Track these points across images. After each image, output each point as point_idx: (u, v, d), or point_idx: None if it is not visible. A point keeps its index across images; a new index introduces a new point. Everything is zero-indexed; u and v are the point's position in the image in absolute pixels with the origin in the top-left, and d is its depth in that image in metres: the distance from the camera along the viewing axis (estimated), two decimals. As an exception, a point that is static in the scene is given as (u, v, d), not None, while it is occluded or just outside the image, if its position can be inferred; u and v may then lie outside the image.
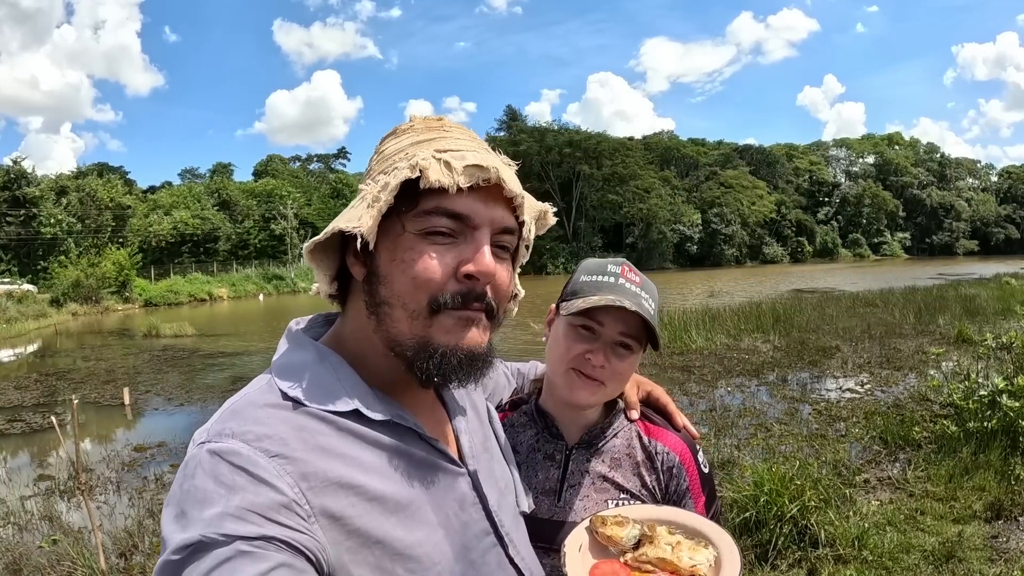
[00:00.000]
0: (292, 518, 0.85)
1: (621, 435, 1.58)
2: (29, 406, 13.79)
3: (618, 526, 1.31)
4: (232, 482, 0.84)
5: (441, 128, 1.06)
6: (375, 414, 0.98)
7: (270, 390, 0.98)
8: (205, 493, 0.84)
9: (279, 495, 0.85)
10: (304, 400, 0.96)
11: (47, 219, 49.07)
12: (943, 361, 11.71)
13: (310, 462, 0.90)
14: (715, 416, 9.36)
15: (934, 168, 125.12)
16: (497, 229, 1.01)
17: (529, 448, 1.58)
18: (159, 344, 24.19)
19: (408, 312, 0.98)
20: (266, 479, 0.86)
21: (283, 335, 1.10)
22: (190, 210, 65.10)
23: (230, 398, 1.01)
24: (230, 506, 0.82)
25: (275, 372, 1.01)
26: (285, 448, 0.90)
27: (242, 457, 0.87)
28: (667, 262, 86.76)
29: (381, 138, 1.10)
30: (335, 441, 0.94)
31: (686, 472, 1.55)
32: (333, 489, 0.90)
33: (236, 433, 0.90)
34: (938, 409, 8.22)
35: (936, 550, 4.77)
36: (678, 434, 1.59)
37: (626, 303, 1.41)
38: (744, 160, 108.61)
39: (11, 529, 6.81)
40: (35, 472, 9.12)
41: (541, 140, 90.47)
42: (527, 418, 1.61)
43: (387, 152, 1.04)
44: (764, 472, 5.35)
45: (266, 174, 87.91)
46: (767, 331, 17.41)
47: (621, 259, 1.55)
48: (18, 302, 36.06)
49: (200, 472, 0.86)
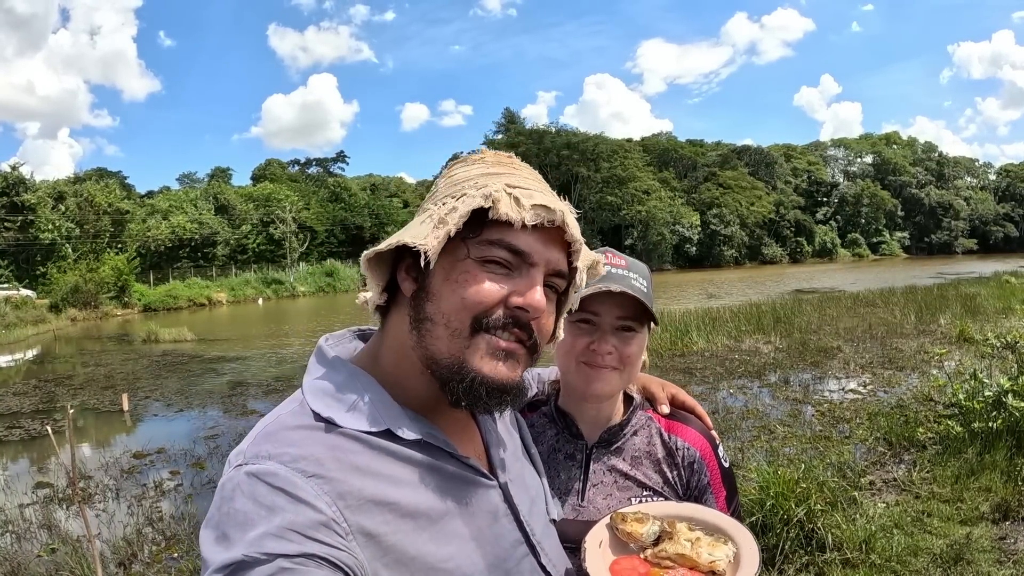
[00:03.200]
0: (331, 536, 0.87)
1: (641, 432, 1.58)
2: (28, 412, 13.76)
3: (638, 523, 1.30)
4: (272, 503, 0.86)
5: (511, 164, 1.09)
6: (406, 434, 0.99)
7: (303, 411, 0.99)
8: (246, 515, 0.85)
9: (318, 514, 0.87)
10: (337, 421, 0.97)
11: (45, 224, 49.00)
12: (945, 361, 11.67)
13: (346, 481, 0.92)
14: (718, 418, 9.31)
15: (932, 167, 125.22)
16: (552, 271, 1.04)
17: (550, 449, 1.58)
18: (158, 349, 24.17)
19: (450, 330, 0.99)
20: (305, 499, 0.87)
21: (313, 354, 1.11)
22: (188, 215, 65.06)
23: (262, 419, 1.02)
24: (271, 526, 0.84)
25: (307, 393, 1.02)
26: (321, 468, 0.91)
27: (280, 478, 0.88)
28: (666, 263, 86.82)
29: (448, 163, 1.12)
30: (368, 459, 0.96)
31: (707, 467, 1.55)
32: (369, 507, 0.92)
33: (272, 455, 0.92)
34: (942, 409, 8.18)
35: (944, 552, 4.73)
36: (698, 429, 1.59)
37: (613, 287, 1.42)
38: (742, 161, 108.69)
39: (9, 538, 6.78)
40: (34, 479, 9.06)
41: (539, 142, 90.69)
42: (547, 419, 1.62)
43: (457, 178, 1.06)
44: (770, 475, 5.31)
45: (264, 178, 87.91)
46: (768, 332, 17.39)
47: (604, 248, 1.56)
48: (16, 307, 36.02)
49: (239, 494, 0.88)
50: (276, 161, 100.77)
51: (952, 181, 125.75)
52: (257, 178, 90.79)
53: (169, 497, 7.88)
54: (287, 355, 21.07)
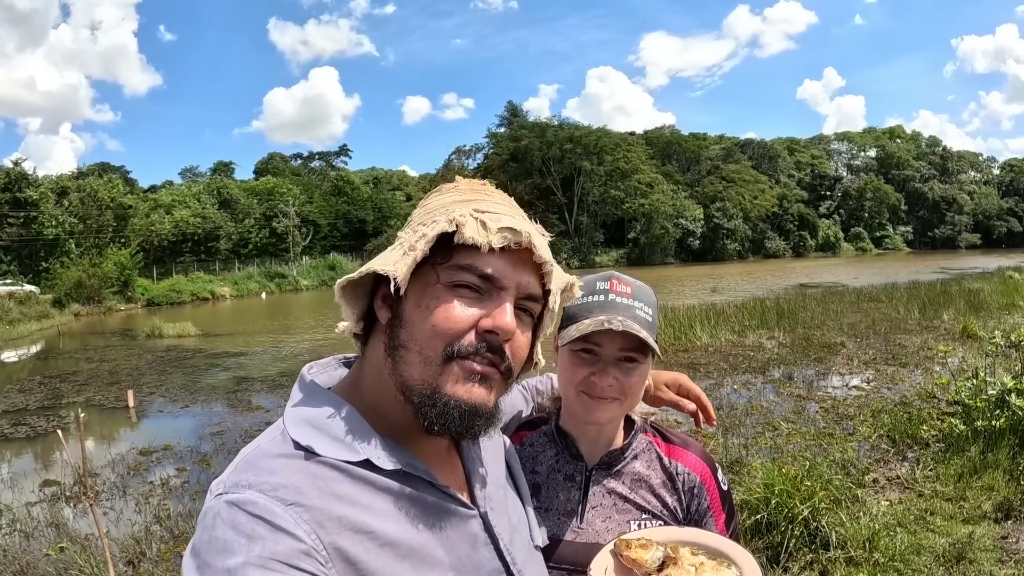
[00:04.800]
0: (312, 564, 0.87)
1: (641, 456, 1.58)
2: (33, 409, 13.82)
3: (642, 548, 1.31)
4: (252, 531, 0.87)
5: (484, 191, 1.10)
6: (386, 464, 1.00)
7: (283, 440, 1.00)
8: (226, 543, 0.86)
9: (298, 542, 0.88)
10: (316, 450, 0.98)
11: (48, 220, 49.05)
12: (949, 358, 11.67)
13: (325, 509, 0.92)
14: (722, 415, 9.33)
15: (936, 161, 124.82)
16: (523, 294, 1.04)
17: (549, 469, 1.58)
18: (162, 345, 24.23)
19: (423, 357, 1.00)
20: (284, 527, 0.88)
21: (296, 383, 1.10)
22: (191, 209, 65.05)
23: (243, 449, 1.03)
24: (252, 555, 0.85)
25: (288, 422, 1.02)
26: (300, 496, 0.92)
27: (259, 507, 0.89)
28: (669, 257, 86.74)
29: (427, 194, 1.14)
30: (348, 488, 0.96)
31: (707, 492, 1.56)
32: (348, 535, 0.93)
33: (252, 484, 0.92)
34: (945, 407, 8.19)
35: (947, 551, 4.75)
36: (697, 453, 1.60)
37: (615, 324, 1.42)
38: (745, 154, 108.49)
39: (17, 536, 6.80)
40: (40, 477, 9.10)
41: (542, 136, 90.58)
42: (547, 438, 1.62)
43: (430, 206, 1.08)
44: (774, 473, 5.33)
45: (267, 172, 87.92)
46: (772, 327, 17.41)
47: (609, 272, 1.56)
48: (20, 303, 36.07)
49: (220, 523, 0.88)
50: (278, 155, 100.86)
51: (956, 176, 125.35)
52: (260, 172, 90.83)
53: (176, 494, 7.91)
54: (291, 350, 21.11)
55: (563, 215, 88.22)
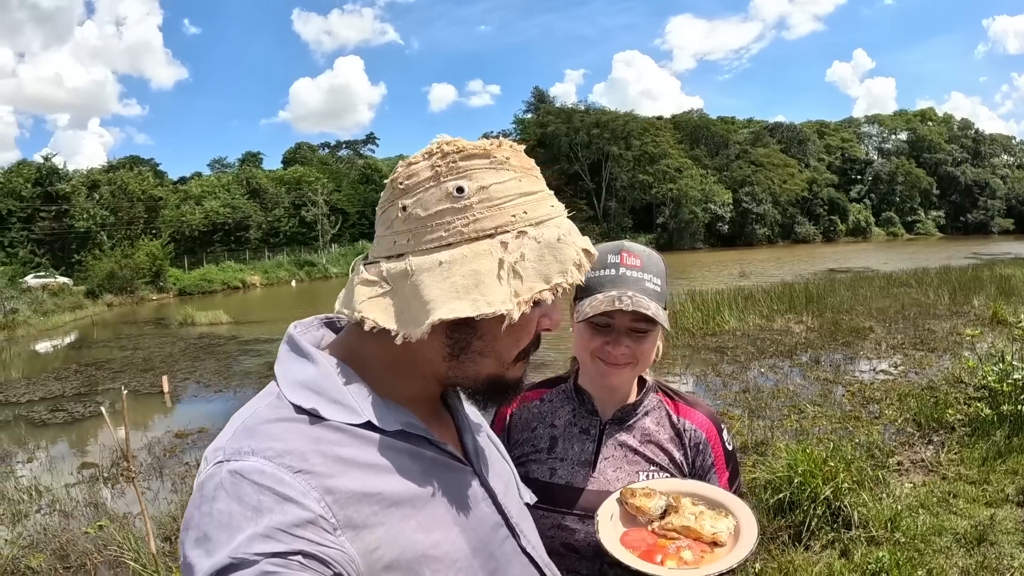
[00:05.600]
0: (320, 533, 0.85)
1: (652, 413, 1.69)
2: (70, 396, 14.14)
3: (646, 497, 1.42)
4: (258, 503, 0.84)
5: (533, 170, 1.04)
6: (387, 424, 0.98)
7: (280, 404, 0.97)
8: (230, 516, 0.83)
9: (306, 512, 0.85)
10: (320, 412, 0.95)
11: (80, 213, 49.79)
12: (978, 343, 11.60)
13: (332, 475, 0.90)
14: (748, 397, 9.38)
15: (968, 144, 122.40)
16: None
17: (566, 423, 1.70)
18: (195, 332, 24.58)
19: (500, 361, 1.02)
20: (292, 497, 0.86)
21: (283, 341, 1.07)
22: (221, 200, 65.67)
23: (237, 413, 1.00)
24: (259, 527, 0.82)
25: (283, 385, 0.99)
26: (306, 463, 0.89)
27: (266, 475, 0.86)
28: (698, 242, 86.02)
29: (464, 150, 1.00)
30: (352, 451, 0.94)
31: (712, 449, 1.67)
32: (356, 499, 0.91)
33: (256, 450, 0.89)
34: (972, 391, 8.17)
35: (968, 533, 4.78)
36: (704, 412, 1.71)
37: (625, 303, 1.50)
38: (774, 138, 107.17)
39: (57, 516, 6.98)
40: (78, 460, 9.36)
41: (568, 121, 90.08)
42: (565, 395, 1.74)
43: (494, 193, 0.98)
44: (798, 453, 5.39)
45: (295, 162, 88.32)
46: (800, 312, 17.34)
47: (620, 243, 1.64)
48: (54, 295, 36.69)
49: (222, 493, 0.85)
50: (306, 144, 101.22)
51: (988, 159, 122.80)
52: (288, 162, 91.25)
53: (210, 476, 8.08)
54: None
55: (591, 200, 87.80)
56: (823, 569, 4.37)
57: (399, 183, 1.01)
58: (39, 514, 7.10)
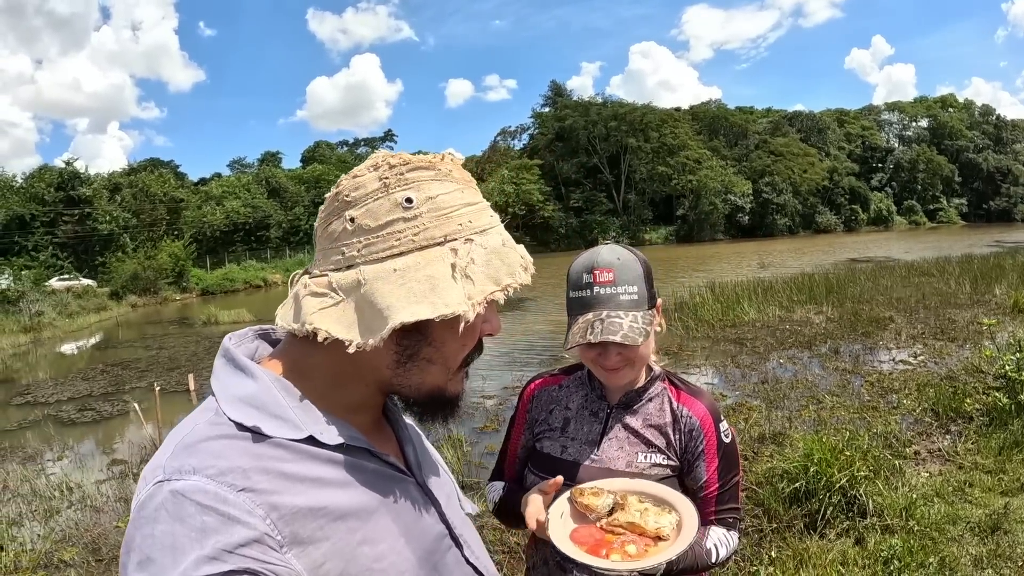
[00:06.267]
0: (267, 552, 0.85)
1: (655, 399, 1.83)
2: (98, 395, 14.38)
3: (594, 496, 1.53)
4: (202, 523, 0.83)
5: (474, 186, 1.07)
6: (329, 438, 0.98)
7: (220, 420, 0.95)
8: (174, 538, 0.82)
9: (252, 530, 0.85)
10: (262, 429, 0.94)
11: (102, 216, 50.36)
12: (998, 332, 11.55)
13: (276, 491, 0.90)
14: (767, 388, 9.42)
15: (989, 131, 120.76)
16: None
17: (579, 407, 1.86)
18: (219, 331, 24.76)
19: (447, 369, 1.04)
20: (237, 516, 0.85)
21: (219, 355, 1.05)
22: (241, 199, 66.16)
23: (175, 430, 0.98)
24: (205, 549, 0.81)
25: (221, 400, 0.98)
26: (249, 481, 0.88)
27: (209, 495, 0.85)
28: (718, 233, 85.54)
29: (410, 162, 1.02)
30: (295, 467, 0.94)
31: (704, 437, 1.78)
32: (302, 515, 0.90)
33: (197, 469, 0.88)
34: (991, 381, 8.16)
35: (982, 522, 4.82)
36: (704, 403, 1.82)
37: (597, 328, 1.63)
38: (794, 127, 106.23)
39: (88, 511, 7.15)
40: (107, 457, 9.53)
41: (586, 114, 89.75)
42: (579, 382, 1.91)
43: (441, 204, 1.00)
44: (813, 443, 5.44)
45: (314, 160, 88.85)
46: (820, 302, 17.31)
47: (593, 255, 1.74)
48: (78, 297, 37.14)
49: (164, 514, 0.83)
50: (325, 143, 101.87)
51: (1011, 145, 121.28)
52: (307, 160, 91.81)
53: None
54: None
55: (611, 193, 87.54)
56: (837, 556, 4.43)
57: (345, 195, 1.01)
58: (71, 510, 7.27)
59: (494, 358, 14.10)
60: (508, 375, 12.13)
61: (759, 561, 4.53)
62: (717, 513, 1.78)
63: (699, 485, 1.77)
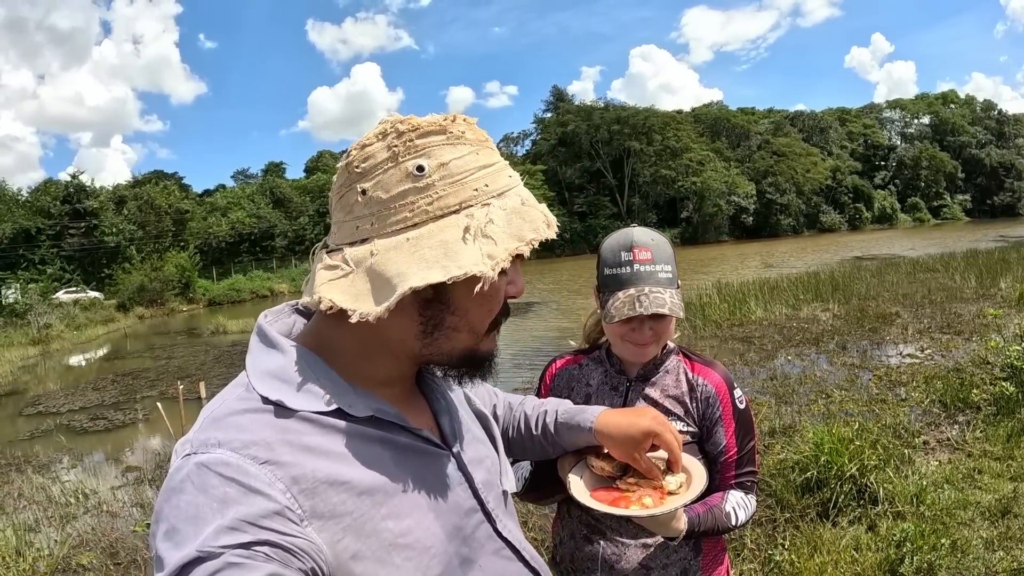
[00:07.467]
0: (286, 524, 0.86)
1: (672, 372, 1.92)
2: (109, 404, 14.50)
3: (608, 460, 1.56)
4: (223, 495, 0.84)
5: (490, 145, 1.04)
6: (358, 411, 0.98)
7: (249, 394, 0.97)
8: (197, 508, 0.84)
9: (272, 503, 0.86)
10: (286, 403, 0.95)
11: (108, 228, 50.67)
12: (1003, 324, 11.57)
13: (299, 464, 0.91)
14: (775, 385, 9.44)
15: (992, 126, 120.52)
16: None
17: (599, 383, 1.95)
18: (227, 340, 24.92)
19: (475, 334, 1.04)
20: (258, 488, 0.86)
21: (254, 332, 1.07)
22: (246, 210, 66.38)
23: (207, 405, 1.00)
24: (225, 519, 0.82)
25: (252, 376, 0.99)
26: (272, 453, 0.90)
27: (231, 467, 0.87)
28: (723, 235, 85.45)
29: (419, 127, 1.00)
30: (320, 440, 0.94)
31: (720, 403, 1.87)
32: (324, 488, 0.91)
33: (222, 442, 0.89)
34: (998, 371, 8.20)
35: (992, 506, 4.86)
36: (718, 372, 1.92)
37: (644, 303, 1.72)
38: (796, 127, 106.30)
39: (104, 516, 7.23)
40: (122, 464, 9.64)
41: (588, 119, 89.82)
42: (597, 360, 2.00)
43: (453, 169, 0.98)
44: (824, 433, 5.49)
45: (317, 170, 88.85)
46: (826, 300, 17.32)
47: (627, 235, 1.84)
48: (85, 309, 37.34)
49: (189, 486, 0.86)
50: (328, 152, 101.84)
51: (1013, 140, 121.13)
52: (310, 170, 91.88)
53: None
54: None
55: (615, 197, 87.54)
56: (850, 542, 4.48)
57: (355, 167, 1.00)
58: (87, 516, 7.34)
59: (502, 361, 14.14)
60: (518, 378, 12.21)
61: (773, 546, 4.59)
62: (737, 476, 1.86)
63: (719, 450, 1.85)
